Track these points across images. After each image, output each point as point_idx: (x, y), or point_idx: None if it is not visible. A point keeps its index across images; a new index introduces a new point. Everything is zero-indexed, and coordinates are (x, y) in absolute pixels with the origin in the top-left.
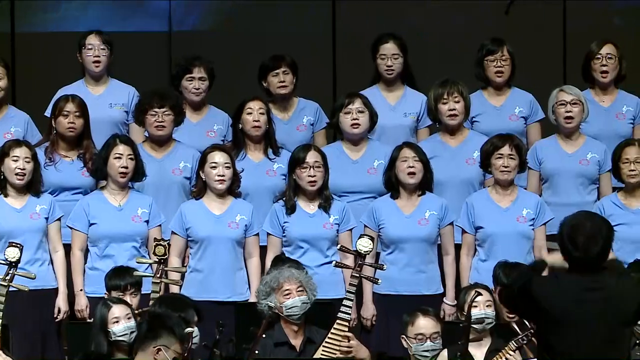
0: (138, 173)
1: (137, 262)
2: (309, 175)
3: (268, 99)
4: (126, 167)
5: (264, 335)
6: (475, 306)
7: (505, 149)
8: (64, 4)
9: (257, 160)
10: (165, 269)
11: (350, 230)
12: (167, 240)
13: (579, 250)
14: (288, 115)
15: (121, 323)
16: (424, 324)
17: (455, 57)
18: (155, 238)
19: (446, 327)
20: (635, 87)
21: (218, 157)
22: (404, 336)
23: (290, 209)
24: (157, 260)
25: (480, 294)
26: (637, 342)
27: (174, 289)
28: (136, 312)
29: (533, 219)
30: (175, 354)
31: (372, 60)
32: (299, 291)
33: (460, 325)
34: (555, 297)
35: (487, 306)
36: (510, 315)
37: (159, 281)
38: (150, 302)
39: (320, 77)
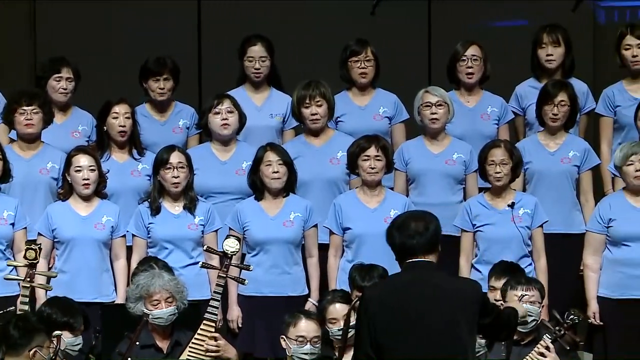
0: (5, 175)
1: (8, 265)
2: (173, 176)
3: (146, 99)
4: None
5: (137, 343)
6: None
7: (372, 150)
8: None
9: (121, 160)
10: (35, 273)
11: (216, 231)
12: (38, 244)
13: (409, 233)
14: (164, 117)
15: None
16: (306, 327)
17: (320, 58)
18: (27, 241)
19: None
20: (500, 88)
21: (82, 160)
22: (283, 337)
23: (155, 210)
24: (27, 263)
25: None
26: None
27: (42, 292)
28: None
29: None
30: (48, 350)
31: (239, 60)
32: (167, 301)
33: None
34: (386, 298)
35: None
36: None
37: (28, 285)
38: (19, 305)
39: (185, 76)
